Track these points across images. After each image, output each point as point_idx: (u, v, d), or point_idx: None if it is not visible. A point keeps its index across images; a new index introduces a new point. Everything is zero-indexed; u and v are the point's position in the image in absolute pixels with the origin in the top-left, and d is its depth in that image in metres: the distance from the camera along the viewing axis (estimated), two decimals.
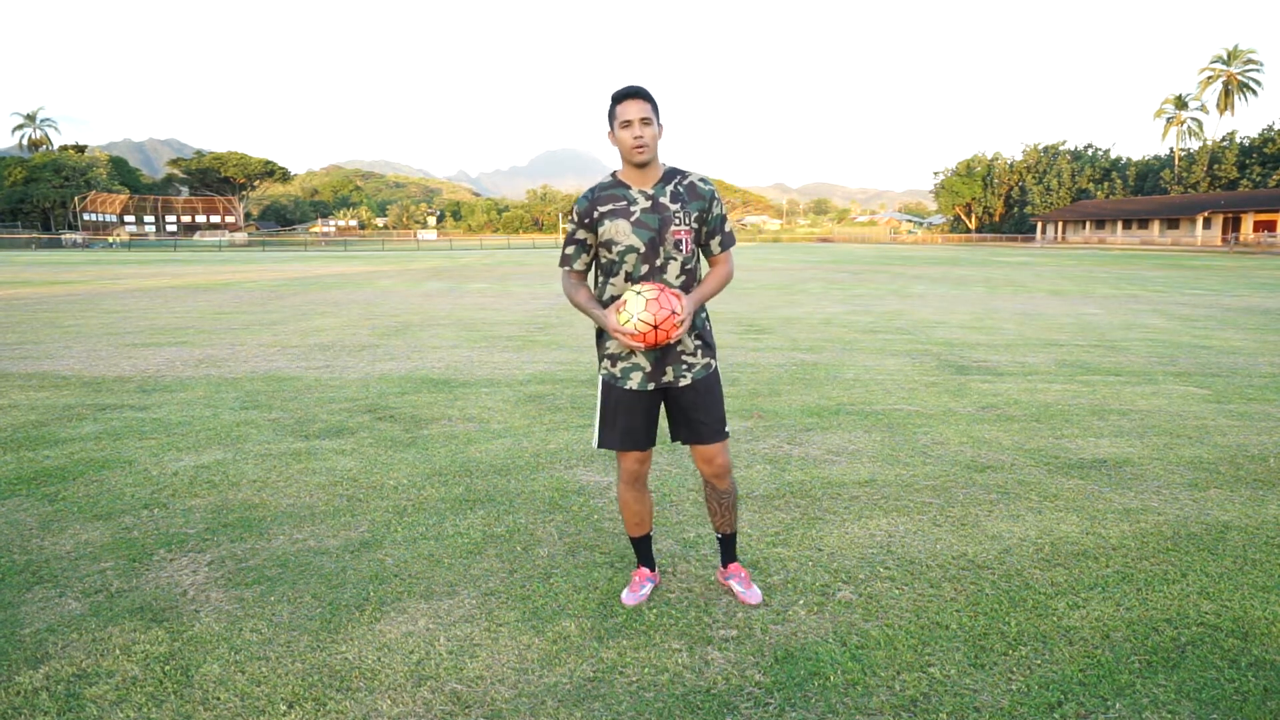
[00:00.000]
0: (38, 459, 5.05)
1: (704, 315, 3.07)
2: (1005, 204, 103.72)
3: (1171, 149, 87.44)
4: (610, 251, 2.89)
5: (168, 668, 2.73)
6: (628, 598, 3.19)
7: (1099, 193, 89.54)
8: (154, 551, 3.68)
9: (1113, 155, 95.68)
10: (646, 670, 2.72)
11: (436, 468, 4.90)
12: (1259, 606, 3.16)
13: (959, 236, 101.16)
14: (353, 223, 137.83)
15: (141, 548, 3.71)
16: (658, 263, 2.88)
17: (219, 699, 2.56)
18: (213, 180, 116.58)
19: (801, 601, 3.20)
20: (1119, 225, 78.16)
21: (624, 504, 3.19)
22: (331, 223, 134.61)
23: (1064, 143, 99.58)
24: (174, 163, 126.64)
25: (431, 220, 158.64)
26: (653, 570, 3.31)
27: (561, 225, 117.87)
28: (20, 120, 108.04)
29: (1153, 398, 7.00)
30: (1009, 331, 11.65)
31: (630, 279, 2.90)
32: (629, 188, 2.89)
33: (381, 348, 9.82)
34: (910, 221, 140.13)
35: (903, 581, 3.37)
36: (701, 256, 3.04)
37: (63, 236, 75.83)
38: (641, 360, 2.94)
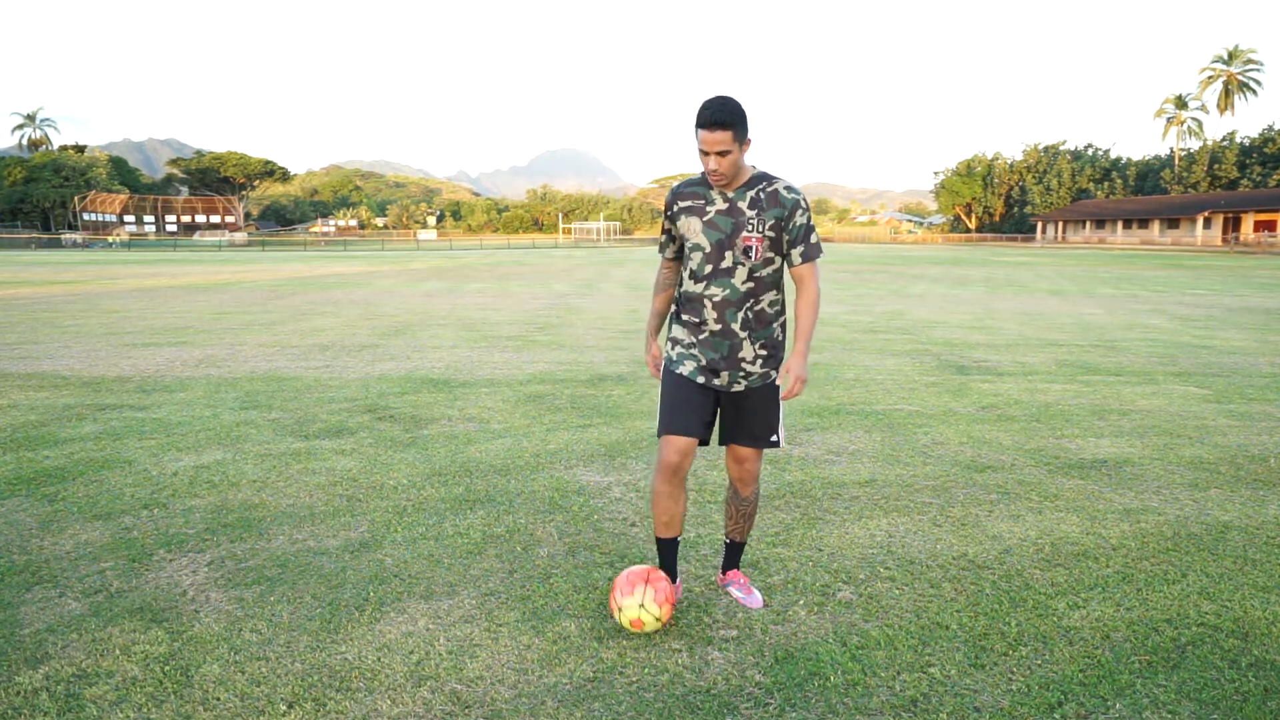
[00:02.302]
0: (38, 459, 5.05)
1: (778, 325, 2.99)
2: (1005, 204, 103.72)
3: (1171, 149, 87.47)
4: (685, 246, 2.95)
5: (168, 668, 2.73)
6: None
7: (1099, 193, 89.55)
8: (154, 551, 3.68)
9: (1113, 155, 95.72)
10: (646, 670, 2.72)
11: (436, 468, 4.90)
12: (1259, 607, 3.15)
13: (959, 236, 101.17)
14: (352, 223, 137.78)
15: (141, 548, 3.71)
16: (723, 265, 2.85)
17: (219, 699, 2.56)
18: (212, 180, 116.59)
19: (801, 601, 3.20)
20: (1119, 225, 78.17)
21: (656, 498, 3.01)
22: (331, 223, 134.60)
23: (1064, 143, 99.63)
24: (174, 163, 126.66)
25: (431, 220, 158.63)
26: (674, 581, 3.12)
27: (561, 225, 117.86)
28: (20, 120, 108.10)
29: (1153, 398, 7.00)
30: (1009, 331, 11.65)
31: (696, 278, 2.91)
32: (710, 188, 2.88)
33: (381, 348, 9.82)
34: (910, 221, 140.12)
35: (903, 581, 3.37)
36: (782, 278, 2.98)
37: (62, 236, 75.83)
38: (699, 354, 2.94)
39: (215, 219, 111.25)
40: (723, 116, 2.68)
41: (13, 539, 3.81)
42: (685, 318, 2.99)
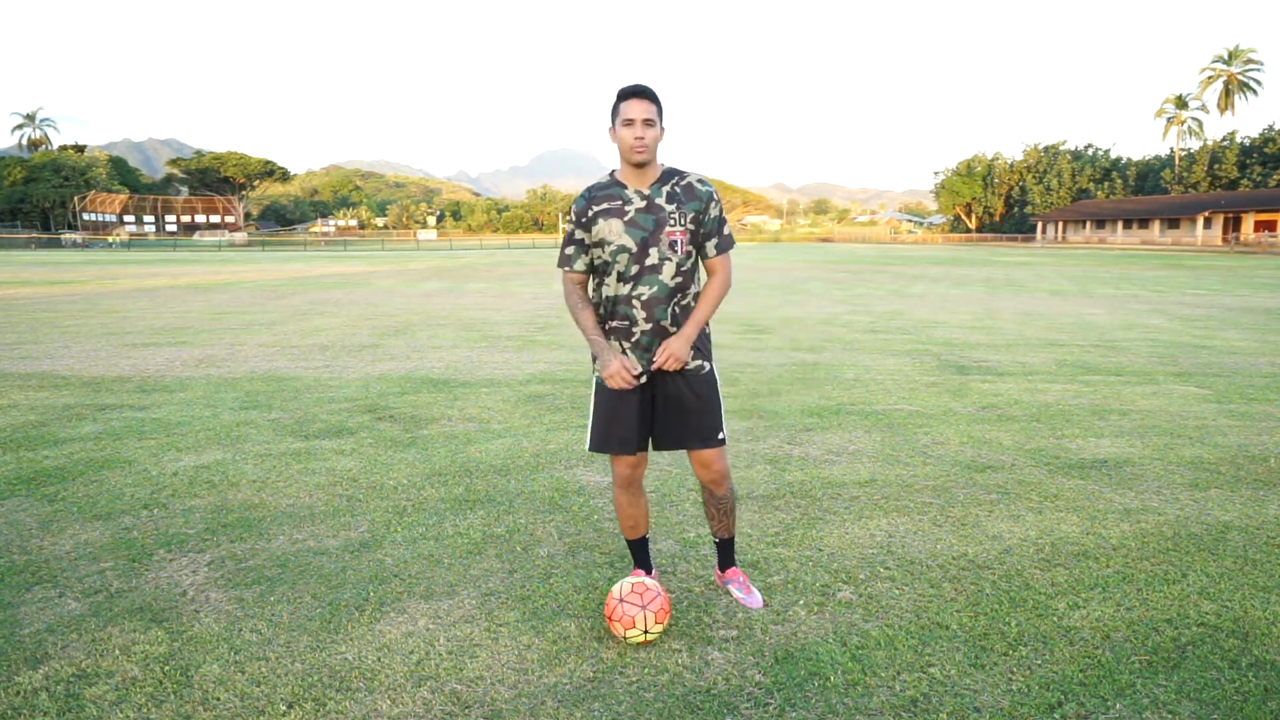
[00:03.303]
0: (38, 459, 5.05)
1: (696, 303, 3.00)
2: (1005, 204, 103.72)
3: (1172, 149, 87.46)
4: (604, 251, 2.87)
5: (168, 668, 2.73)
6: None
7: (1099, 193, 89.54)
8: (154, 551, 3.67)
9: (1113, 155, 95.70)
10: (646, 670, 2.72)
11: (436, 468, 4.90)
12: (1259, 606, 3.15)
13: (959, 236, 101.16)
14: (352, 223, 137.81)
15: (141, 548, 3.71)
16: (649, 262, 2.84)
17: (219, 699, 2.56)
18: (212, 180, 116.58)
19: (801, 601, 3.20)
20: (1119, 225, 78.16)
21: (618, 507, 3.16)
22: (331, 223, 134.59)
23: (1064, 143, 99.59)
24: (174, 163, 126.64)
25: (431, 220, 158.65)
26: (649, 573, 3.26)
27: (561, 225, 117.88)
28: (20, 120, 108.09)
29: (1153, 398, 7.00)
30: (1009, 331, 11.65)
31: (622, 279, 2.87)
32: (625, 187, 2.86)
33: (381, 348, 9.82)
34: (910, 221, 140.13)
35: (903, 581, 3.37)
36: (698, 265, 2.99)
37: (62, 236, 75.83)
38: (633, 360, 2.92)
39: (215, 219, 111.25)
40: (647, 89, 2.79)
41: (13, 539, 3.81)
42: (613, 324, 2.94)
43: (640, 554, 3.27)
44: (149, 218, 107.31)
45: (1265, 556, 3.63)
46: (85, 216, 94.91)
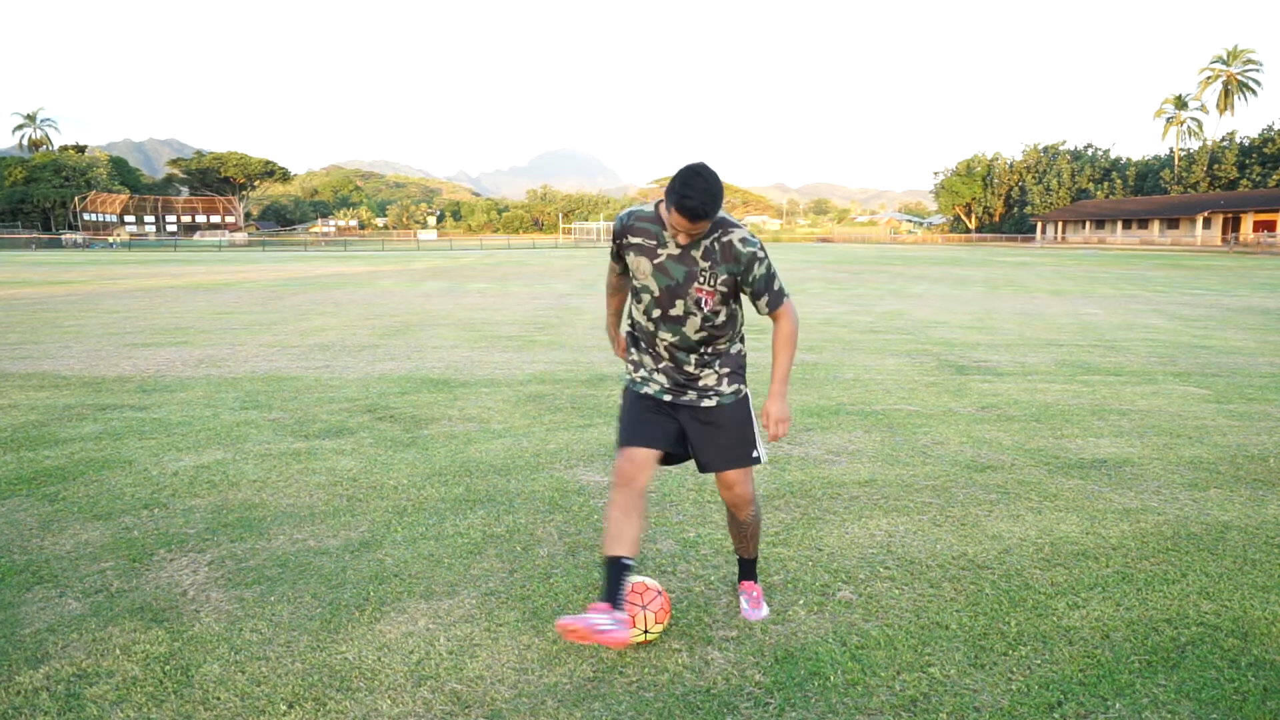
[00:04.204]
0: (38, 459, 5.05)
1: (736, 352, 2.91)
2: (1005, 204, 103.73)
3: (1171, 149, 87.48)
4: (634, 279, 2.81)
5: (168, 668, 2.73)
6: (567, 620, 2.54)
7: (1099, 193, 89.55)
8: (154, 551, 3.68)
9: (1113, 155, 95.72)
10: (646, 670, 2.72)
11: (436, 468, 4.90)
12: (1259, 606, 3.16)
13: (959, 236, 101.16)
14: (353, 223, 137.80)
15: (141, 548, 3.71)
16: (673, 311, 2.73)
17: (219, 699, 2.56)
18: (213, 180, 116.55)
19: (801, 601, 3.20)
20: (1119, 225, 78.17)
21: (608, 508, 2.77)
22: (331, 223, 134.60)
23: (1064, 143, 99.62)
24: (174, 163, 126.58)
25: (431, 220, 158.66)
26: (615, 608, 2.60)
27: (562, 225, 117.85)
28: (20, 120, 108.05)
29: (1153, 398, 7.00)
30: (1009, 331, 11.65)
31: (648, 316, 2.80)
32: (664, 228, 2.69)
33: (381, 348, 9.82)
34: (910, 221, 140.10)
35: (903, 581, 3.37)
36: (739, 312, 2.86)
37: (63, 236, 75.79)
38: (662, 379, 2.86)
39: (215, 219, 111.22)
40: (710, 210, 2.51)
41: (13, 539, 3.81)
42: (643, 344, 2.89)
43: (612, 578, 2.65)
44: (149, 218, 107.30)
45: (1265, 556, 3.63)
46: (86, 217, 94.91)
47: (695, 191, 2.48)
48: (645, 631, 2.85)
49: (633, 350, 2.95)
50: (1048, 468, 4.95)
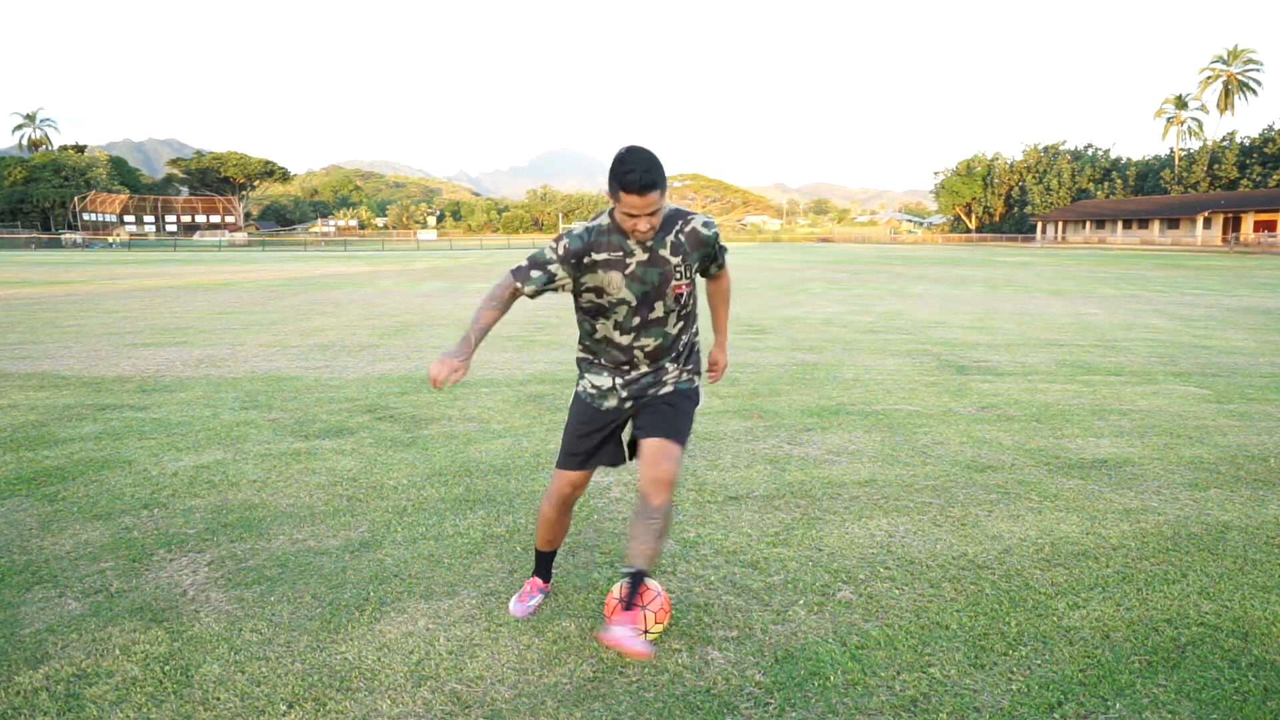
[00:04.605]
0: (38, 459, 5.05)
1: (693, 336, 2.93)
2: (1005, 204, 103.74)
3: (1171, 149, 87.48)
4: (599, 298, 2.73)
5: (168, 668, 2.73)
6: (516, 608, 3.09)
7: (1099, 193, 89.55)
8: (154, 551, 3.68)
9: (1113, 155, 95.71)
10: (646, 670, 2.72)
11: (436, 468, 4.90)
12: (1259, 606, 3.16)
13: (959, 236, 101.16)
14: (352, 223, 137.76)
15: (141, 548, 3.71)
16: (653, 315, 2.73)
17: (219, 699, 2.56)
18: (212, 180, 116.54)
19: (801, 601, 3.20)
20: (1119, 225, 78.17)
21: (544, 520, 3.08)
22: (331, 223, 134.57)
23: (1064, 143, 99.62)
24: (174, 163, 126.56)
25: (431, 220, 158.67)
26: (546, 581, 3.23)
27: (561, 225, 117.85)
28: (20, 120, 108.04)
29: (1153, 398, 7.00)
30: (1009, 331, 11.65)
31: (622, 330, 2.76)
32: (627, 237, 2.64)
33: (381, 348, 9.82)
34: (910, 221, 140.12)
35: (903, 581, 3.37)
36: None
37: (62, 236, 75.79)
38: (624, 392, 2.85)
39: (215, 219, 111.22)
40: (651, 179, 2.46)
41: (13, 539, 3.81)
42: (602, 361, 2.85)
43: (544, 564, 3.22)
44: (149, 218, 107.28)
45: (1265, 556, 3.63)
46: (85, 216, 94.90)
47: (634, 163, 2.46)
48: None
49: (591, 374, 2.88)
50: (1048, 468, 4.95)
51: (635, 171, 2.46)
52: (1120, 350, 9.82)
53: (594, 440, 2.91)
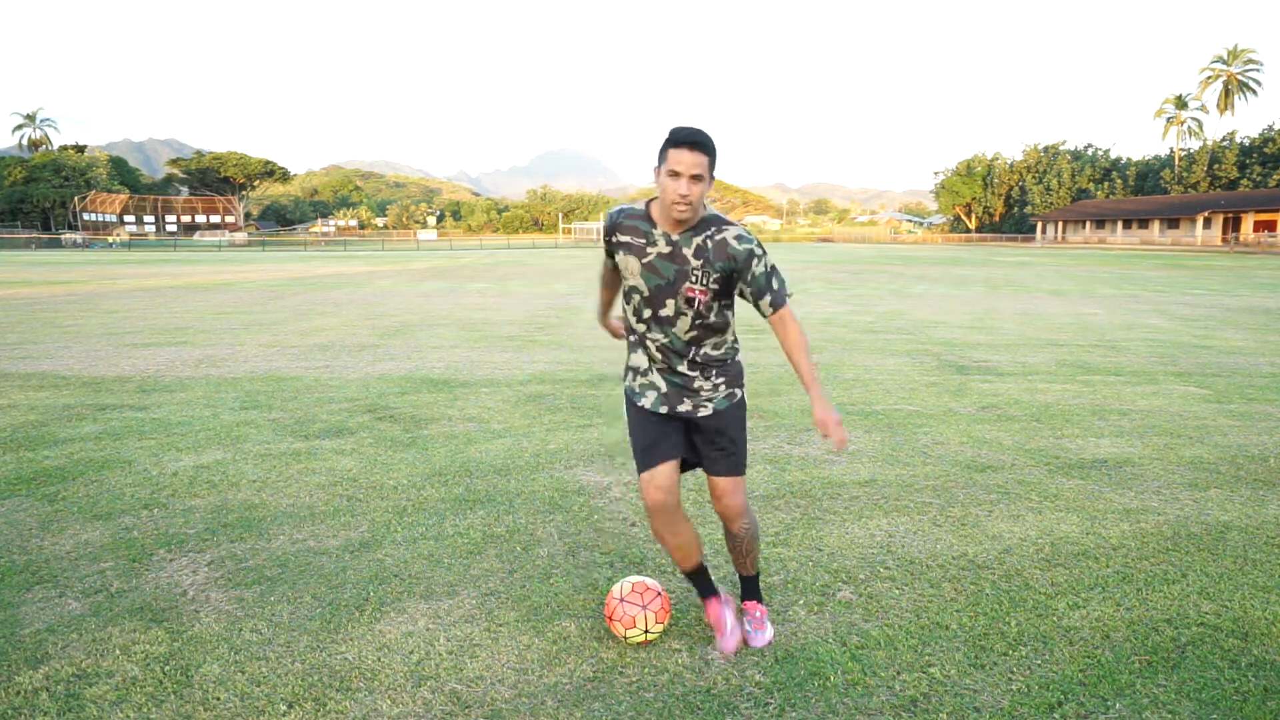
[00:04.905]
0: (38, 459, 5.05)
1: (730, 357, 2.80)
2: (1005, 204, 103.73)
3: (1171, 149, 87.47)
4: (625, 279, 2.71)
5: (168, 668, 2.73)
6: (725, 643, 2.82)
7: (1099, 193, 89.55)
8: (154, 551, 3.68)
9: (1113, 155, 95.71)
10: (646, 670, 2.72)
11: (436, 468, 4.90)
12: (1259, 606, 3.16)
13: (959, 236, 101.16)
14: (352, 223, 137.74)
15: (141, 548, 3.71)
16: (663, 312, 2.64)
17: (219, 699, 2.56)
18: (212, 180, 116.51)
19: (801, 601, 3.20)
20: (1119, 225, 78.16)
21: (658, 538, 2.82)
22: (331, 223, 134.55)
23: (1064, 143, 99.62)
24: (174, 163, 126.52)
25: (431, 220, 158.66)
26: (715, 595, 2.90)
27: (562, 225, 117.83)
28: (20, 120, 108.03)
29: (1153, 398, 7.00)
30: (1009, 331, 11.65)
31: (638, 317, 2.70)
32: (654, 226, 2.59)
33: (381, 348, 9.82)
34: (910, 221, 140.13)
35: (903, 581, 3.37)
36: (732, 319, 2.75)
37: (62, 236, 75.77)
38: (658, 380, 2.74)
39: (215, 219, 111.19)
40: (703, 139, 2.45)
41: (13, 539, 3.81)
42: (637, 344, 2.80)
43: (701, 583, 2.91)
44: (149, 218, 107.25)
45: (1265, 556, 3.63)
46: (85, 216, 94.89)
47: (683, 128, 2.47)
48: (646, 631, 2.85)
49: (630, 353, 2.85)
50: (1048, 468, 4.95)
51: (686, 129, 2.47)
52: (1120, 350, 9.82)
53: (659, 436, 2.77)
